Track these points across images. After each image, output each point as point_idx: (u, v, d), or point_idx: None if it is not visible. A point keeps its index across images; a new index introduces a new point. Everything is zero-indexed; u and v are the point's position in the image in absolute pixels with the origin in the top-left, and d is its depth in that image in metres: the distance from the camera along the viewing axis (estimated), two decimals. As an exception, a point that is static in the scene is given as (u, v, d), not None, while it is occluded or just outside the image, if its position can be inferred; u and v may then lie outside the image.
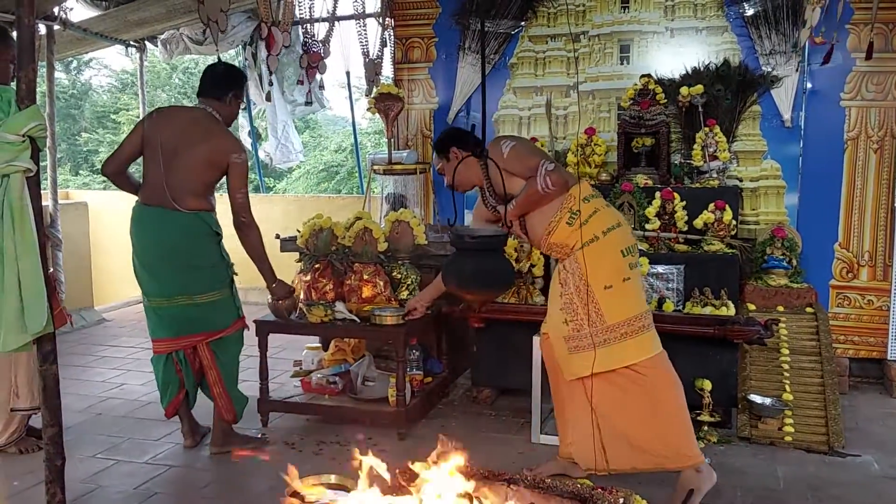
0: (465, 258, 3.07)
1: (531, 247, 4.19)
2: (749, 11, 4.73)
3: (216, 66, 3.68)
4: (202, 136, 3.40)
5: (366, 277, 4.03)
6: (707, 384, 3.74)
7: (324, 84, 6.08)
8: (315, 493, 2.20)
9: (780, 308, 4.25)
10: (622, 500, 2.25)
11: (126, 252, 4.09)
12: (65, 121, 17.17)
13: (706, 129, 4.52)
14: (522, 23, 5.24)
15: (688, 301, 4.00)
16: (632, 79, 4.90)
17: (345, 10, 5.96)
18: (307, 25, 5.83)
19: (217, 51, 4.82)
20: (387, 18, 5.61)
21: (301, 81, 5.97)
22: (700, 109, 4.60)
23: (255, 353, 3.99)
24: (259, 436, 3.83)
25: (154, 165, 3.42)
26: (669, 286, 4.08)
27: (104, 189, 14.82)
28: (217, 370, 3.56)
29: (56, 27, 5.73)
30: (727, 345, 3.77)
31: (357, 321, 3.92)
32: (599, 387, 2.89)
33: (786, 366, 3.98)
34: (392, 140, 5.31)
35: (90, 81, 18.96)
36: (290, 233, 4.56)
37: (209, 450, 3.64)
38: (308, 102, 6.65)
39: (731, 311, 3.90)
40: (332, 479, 2.51)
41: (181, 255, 3.44)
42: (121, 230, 7.48)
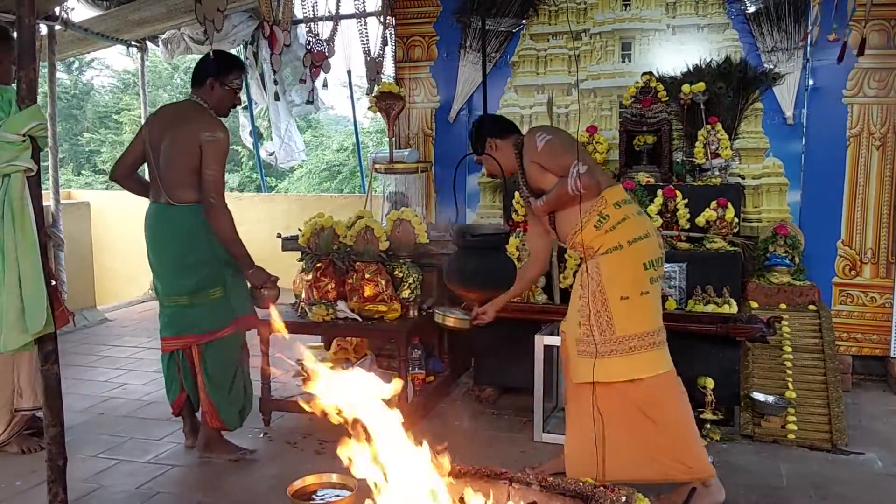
0: (467, 257, 3.06)
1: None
2: (751, 8, 4.72)
3: (202, 57, 3.62)
4: (180, 123, 3.35)
5: (367, 276, 4.02)
6: (710, 382, 3.73)
7: (327, 83, 6.08)
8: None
9: (783, 306, 4.24)
10: (624, 499, 2.25)
11: (128, 252, 4.10)
12: (67, 121, 17.19)
13: (708, 127, 4.51)
14: (523, 21, 5.23)
15: (690, 299, 4.00)
16: (633, 76, 4.89)
17: (346, 10, 5.96)
18: (310, 24, 5.83)
19: (212, 51, 4.79)
20: (388, 17, 5.61)
21: (304, 80, 5.95)
22: (702, 107, 4.59)
23: (258, 353, 3.98)
24: (248, 449, 3.63)
25: (150, 163, 3.43)
26: (672, 284, 4.07)
27: (106, 189, 14.85)
28: (203, 375, 3.45)
29: (57, 27, 5.73)
30: (730, 343, 3.76)
31: (359, 320, 3.92)
32: (605, 394, 2.84)
33: (788, 363, 3.97)
34: (393, 139, 5.31)
35: (92, 81, 18.99)
36: (292, 232, 4.56)
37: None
38: (310, 101, 6.65)
39: (734, 309, 3.89)
40: (334, 478, 2.51)
41: (173, 252, 3.40)
42: (123, 230, 7.47)
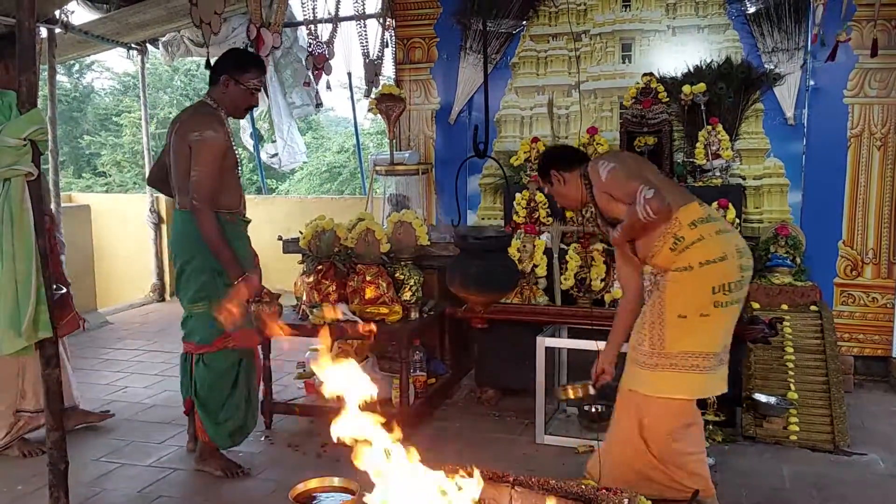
0: (470, 260, 3.06)
1: (533, 248, 4.18)
2: (751, 9, 4.72)
3: (221, 54, 3.49)
4: (179, 126, 3.24)
5: (369, 278, 4.02)
6: (711, 383, 3.72)
7: (330, 85, 6.09)
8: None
9: (785, 306, 4.23)
10: (626, 502, 2.24)
11: (129, 254, 4.09)
12: (67, 124, 17.20)
13: (709, 128, 4.51)
14: (524, 22, 5.23)
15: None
16: (634, 77, 4.89)
17: (346, 11, 5.96)
18: (310, 27, 5.83)
19: (209, 52, 4.79)
20: (388, 19, 5.61)
21: (308, 83, 5.96)
22: (702, 108, 4.59)
23: (259, 356, 3.98)
24: (243, 467, 3.46)
25: (168, 167, 3.38)
26: (673, 285, 4.06)
27: (107, 192, 14.85)
28: (193, 389, 3.34)
29: (57, 30, 5.74)
30: (732, 343, 3.75)
31: (361, 322, 3.91)
32: (642, 405, 2.82)
33: (790, 364, 3.96)
34: (394, 141, 5.31)
35: (92, 84, 18.99)
36: (293, 234, 4.56)
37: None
38: (319, 104, 6.65)
39: (735, 310, 3.88)
40: (336, 482, 2.51)
41: (176, 258, 3.35)
42: (123, 232, 7.46)
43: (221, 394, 3.33)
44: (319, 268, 4.18)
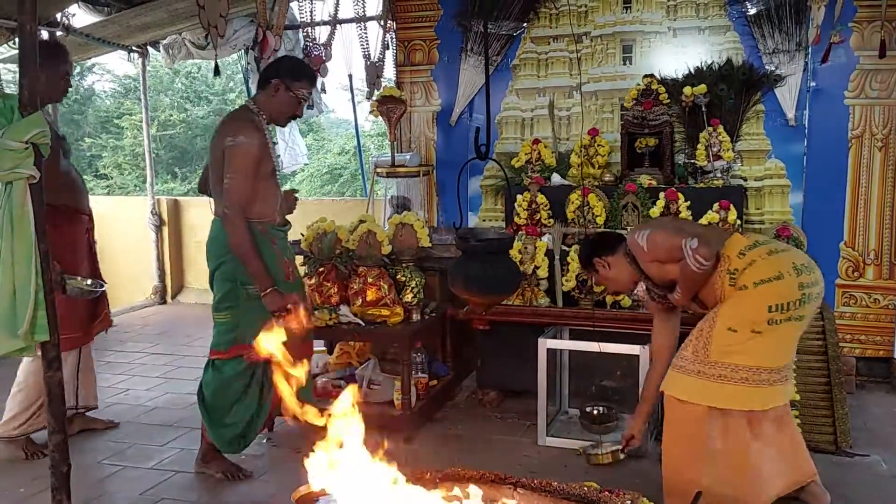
0: (471, 261, 3.06)
1: (535, 249, 4.19)
2: (751, 10, 4.72)
3: (274, 59, 3.44)
4: (217, 130, 3.20)
5: (370, 280, 4.02)
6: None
7: (325, 87, 6.08)
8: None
9: (786, 308, 4.22)
10: (629, 503, 2.24)
11: (130, 257, 4.10)
12: (68, 126, 17.19)
13: (710, 129, 4.51)
14: (524, 24, 5.24)
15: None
16: (634, 79, 4.89)
17: (345, 14, 5.97)
18: (308, 29, 5.83)
19: (217, 56, 4.80)
20: (388, 21, 5.61)
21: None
22: (703, 109, 4.58)
23: (260, 358, 3.98)
24: (244, 470, 3.45)
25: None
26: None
27: (108, 194, 14.86)
28: (200, 388, 3.35)
29: (59, 33, 5.74)
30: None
31: (362, 324, 3.92)
32: (680, 411, 2.87)
33: (792, 365, 3.95)
34: (395, 142, 5.31)
35: (93, 86, 18.98)
36: (295, 236, 4.55)
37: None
38: (310, 106, 6.65)
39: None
40: (338, 484, 2.50)
41: (209, 263, 3.28)
42: (125, 235, 7.44)
43: (227, 399, 3.28)
44: (321, 270, 4.19)
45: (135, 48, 6.81)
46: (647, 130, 4.63)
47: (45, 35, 5.66)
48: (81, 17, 5.93)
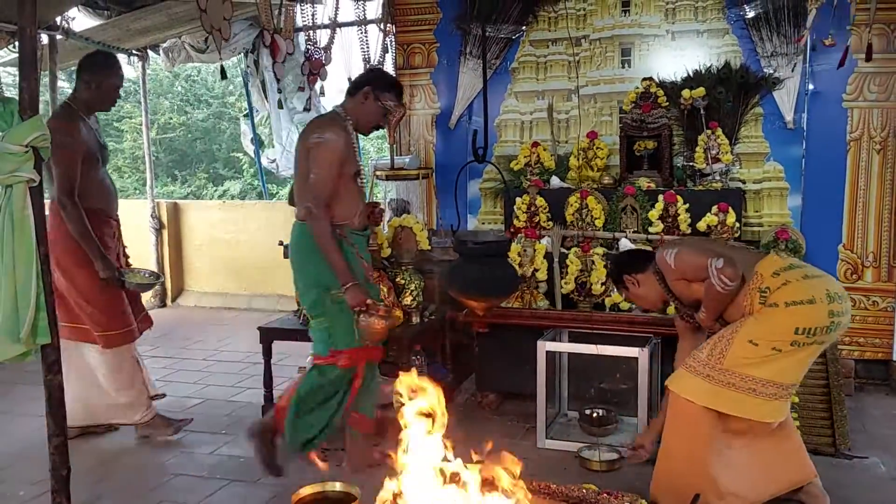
0: (469, 264, 3.07)
1: (534, 252, 4.19)
2: (750, 13, 4.72)
3: (367, 69, 3.52)
4: (304, 130, 3.23)
5: (369, 283, 4.02)
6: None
7: (324, 91, 6.09)
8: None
9: (785, 310, 4.23)
10: (628, 505, 2.25)
11: (131, 259, 4.11)
12: (68, 129, 17.23)
13: (708, 132, 4.52)
14: (523, 27, 5.25)
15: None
16: (633, 82, 4.90)
17: (345, 17, 5.98)
18: (309, 32, 5.84)
19: (220, 59, 4.80)
20: (388, 24, 5.62)
21: (302, 88, 5.97)
22: (702, 112, 4.59)
23: (260, 360, 3.99)
24: (282, 472, 3.36)
25: None
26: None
27: (108, 197, 14.85)
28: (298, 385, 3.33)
29: (58, 37, 5.75)
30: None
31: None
32: (685, 412, 2.88)
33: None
34: (394, 145, 5.32)
35: (93, 90, 19.01)
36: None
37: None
38: (307, 109, 6.65)
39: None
40: (337, 487, 2.51)
41: (294, 270, 3.27)
42: (125, 237, 7.45)
43: (316, 401, 3.28)
44: (320, 273, 4.19)
45: (135, 52, 6.82)
46: (646, 133, 4.63)
47: (45, 39, 5.67)
48: (81, 21, 5.94)
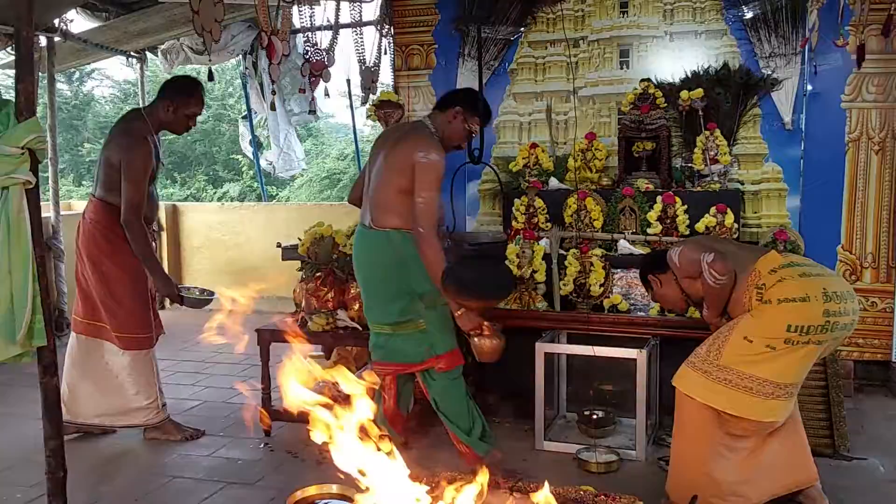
0: (465, 265, 3.06)
1: (532, 253, 4.19)
2: (748, 14, 4.72)
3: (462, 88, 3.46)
4: (398, 141, 3.22)
5: (367, 285, 4.02)
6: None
7: (328, 92, 6.10)
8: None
9: (784, 311, 4.22)
10: (626, 507, 2.24)
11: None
12: (67, 131, 17.21)
13: (707, 133, 4.51)
14: (522, 29, 5.24)
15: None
16: (632, 83, 4.89)
17: (344, 18, 5.97)
18: (308, 34, 5.84)
19: (210, 61, 4.79)
20: (386, 26, 5.62)
21: (303, 90, 5.97)
22: (700, 113, 4.59)
23: (258, 363, 3.98)
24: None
25: (365, 182, 3.34)
26: (672, 290, 4.07)
27: (107, 199, 14.82)
28: (435, 403, 3.38)
29: (56, 39, 5.75)
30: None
31: (359, 329, 3.91)
32: (688, 407, 2.91)
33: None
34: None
35: (92, 92, 18.99)
36: (293, 241, 4.56)
37: None
38: (312, 111, 6.65)
39: (735, 315, 3.88)
40: (335, 489, 2.50)
41: (375, 279, 3.28)
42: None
43: (463, 402, 3.35)
44: (318, 274, 4.18)
45: (133, 53, 6.82)
46: (644, 134, 4.63)
47: (44, 41, 5.66)
48: (80, 23, 5.95)
